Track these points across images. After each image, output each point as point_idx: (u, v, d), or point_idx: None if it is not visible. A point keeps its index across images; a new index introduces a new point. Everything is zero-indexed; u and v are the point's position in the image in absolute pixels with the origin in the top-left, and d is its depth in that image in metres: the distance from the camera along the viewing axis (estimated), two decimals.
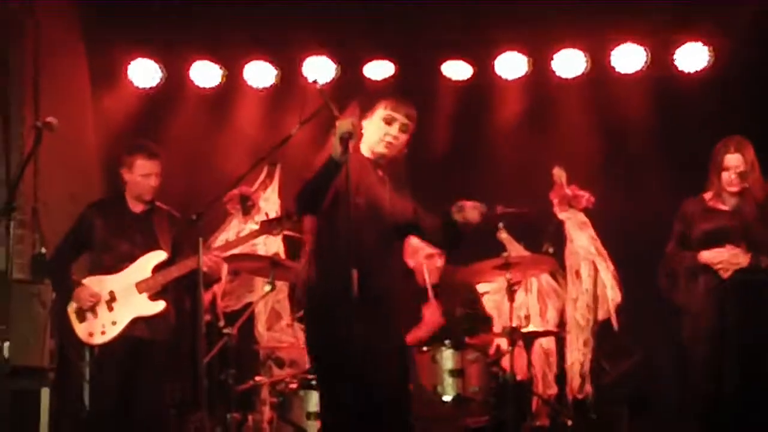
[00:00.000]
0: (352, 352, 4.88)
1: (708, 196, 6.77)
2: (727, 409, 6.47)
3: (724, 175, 6.64)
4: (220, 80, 9.02)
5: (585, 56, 8.73)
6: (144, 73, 8.93)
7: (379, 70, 8.89)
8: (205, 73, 8.99)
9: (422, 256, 7.28)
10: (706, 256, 6.57)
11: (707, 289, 6.59)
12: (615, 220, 8.32)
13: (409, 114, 5.32)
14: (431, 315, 7.10)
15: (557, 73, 8.81)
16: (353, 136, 4.92)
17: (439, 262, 7.31)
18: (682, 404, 7.05)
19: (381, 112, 5.27)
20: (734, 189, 6.64)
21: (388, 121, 5.27)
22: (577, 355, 8.02)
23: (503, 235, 7.61)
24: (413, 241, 7.25)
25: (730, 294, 6.55)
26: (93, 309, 6.70)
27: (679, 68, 8.65)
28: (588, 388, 7.94)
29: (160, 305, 6.73)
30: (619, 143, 8.80)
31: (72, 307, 6.71)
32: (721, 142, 6.70)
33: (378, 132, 5.25)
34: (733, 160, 6.63)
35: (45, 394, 6.66)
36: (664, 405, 8.07)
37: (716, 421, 6.51)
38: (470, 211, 5.27)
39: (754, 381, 6.49)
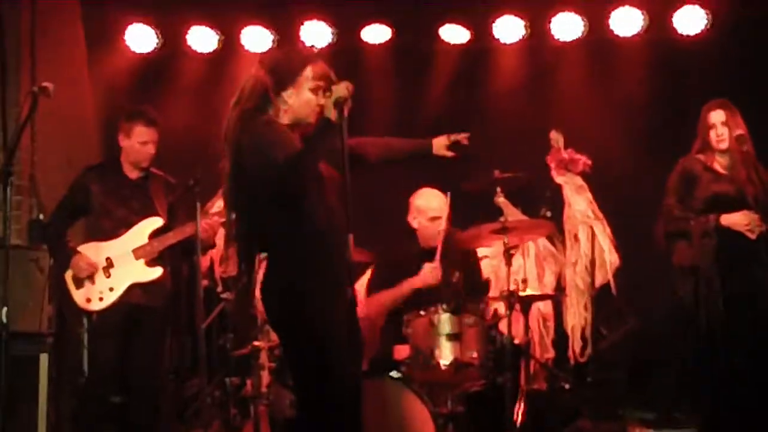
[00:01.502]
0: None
1: (702, 156, 6.81)
2: (734, 371, 6.52)
3: (711, 133, 6.73)
4: (216, 45, 8.99)
5: (583, 19, 8.70)
6: (140, 38, 8.90)
7: (376, 34, 8.86)
8: (202, 38, 8.96)
9: (426, 218, 7.27)
10: (731, 219, 6.60)
11: (720, 251, 6.62)
12: (612, 183, 8.31)
13: (331, 81, 5.00)
14: (431, 271, 7.05)
15: (555, 37, 8.79)
16: (348, 100, 4.88)
17: (443, 225, 7.30)
18: (682, 367, 7.07)
19: (309, 82, 5.01)
20: (723, 146, 6.72)
21: (315, 91, 4.99)
22: (578, 318, 8.03)
23: (500, 200, 7.59)
24: (419, 202, 7.24)
25: (740, 257, 6.60)
26: (90, 276, 6.72)
27: (678, 31, 8.63)
28: (589, 351, 7.96)
29: (157, 271, 6.75)
30: (616, 107, 8.79)
31: (69, 274, 6.73)
32: (706, 105, 6.77)
33: (309, 104, 4.97)
34: (716, 116, 6.74)
35: (44, 359, 6.66)
36: (663, 369, 8.08)
37: (721, 385, 6.56)
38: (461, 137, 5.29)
39: (760, 344, 6.56)
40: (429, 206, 7.24)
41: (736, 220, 6.61)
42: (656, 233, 6.93)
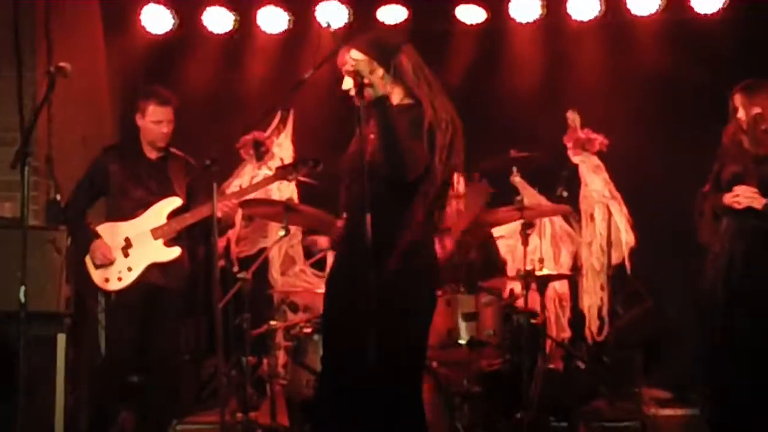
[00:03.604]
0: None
1: (732, 139, 6.80)
2: (735, 351, 6.51)
3: (736, 117, 6.70)
4: (232, 26, 8.96)
5: None
6: (156, 18, 8.87)
7: (392, 14, 8.83)
8: (218, 19, 8.93)
9: None
10: (727, 197, 6.59)
11: (725, 231, 6.60)
12: (629, 163, 8.30)
13: None
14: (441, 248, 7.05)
15: (572, 16, 8.74)
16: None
17: (460, 204, 7.30)
18: (695, 347, 7.06)
19: None
20: (744, 127, 6.68)
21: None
22: (595, 298, 8.05)
23: (517, 179, 7.61)
24: None
25: (742, 237, 6.58)
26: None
27: (695, 10, 8.57)
28: (607, 330, 7.97)
29: (175, 251, 6.77)
30: (633, 86, 8.75)
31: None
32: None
33: None
34: (737, 100, 6.69)
35: (61, 339, 6.68)
36: (679, 349, 8.08)
37: (725, 365, 6.54)
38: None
39: (762, 325, 6.53)
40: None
41: (729, 196, 6.59)
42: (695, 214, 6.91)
